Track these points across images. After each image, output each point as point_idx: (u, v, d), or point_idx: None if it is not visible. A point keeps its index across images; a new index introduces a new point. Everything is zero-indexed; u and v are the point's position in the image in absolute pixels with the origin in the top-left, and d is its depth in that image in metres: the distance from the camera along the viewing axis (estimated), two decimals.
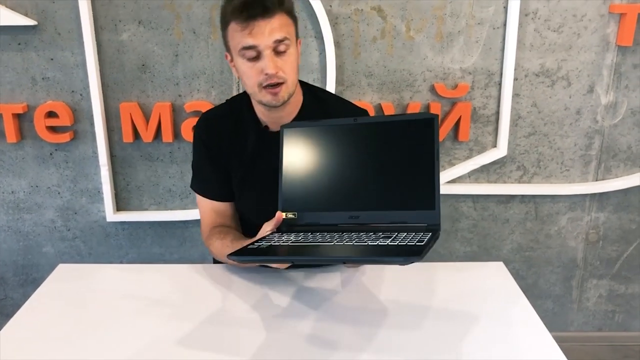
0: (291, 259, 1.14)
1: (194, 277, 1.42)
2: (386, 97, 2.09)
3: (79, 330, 1.21)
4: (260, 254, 1.08)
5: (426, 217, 1.15)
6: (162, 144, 2.12)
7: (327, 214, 1.22)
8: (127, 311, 1.28)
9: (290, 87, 1.29)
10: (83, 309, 1.30)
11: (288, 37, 1.25)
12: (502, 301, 1.30)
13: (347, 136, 1.24)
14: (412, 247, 1.00)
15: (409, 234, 1.08)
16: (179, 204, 2.21)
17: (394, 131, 1.21)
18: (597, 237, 2.29)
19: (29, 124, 2.09)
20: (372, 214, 1.19)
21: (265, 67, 1.24)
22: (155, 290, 1.37)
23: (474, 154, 2.17)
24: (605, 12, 2.01)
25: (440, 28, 2.02)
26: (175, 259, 2.28)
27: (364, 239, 1.09)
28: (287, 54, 1.26)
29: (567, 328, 2.42)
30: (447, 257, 2.30)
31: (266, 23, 1.22)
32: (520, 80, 2.08)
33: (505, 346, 1.14)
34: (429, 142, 1.16)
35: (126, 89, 2.07)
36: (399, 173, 1.19)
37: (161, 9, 1.98)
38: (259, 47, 1.23)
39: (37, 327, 1.23)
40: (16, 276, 2.32)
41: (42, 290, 1.38)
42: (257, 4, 1.21)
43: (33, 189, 2.19)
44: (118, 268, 1.49)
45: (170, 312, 1.27)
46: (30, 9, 1.97)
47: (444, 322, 1.22)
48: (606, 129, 2.14)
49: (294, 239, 1.14)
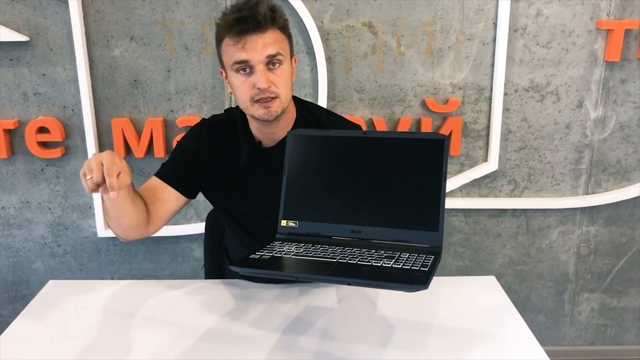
0: (297, 275, 1.12)
1: (186, 293, 1.41)
2: (377, 112, 2.10)
3: (69, 347, 1.20)
4: (264, 266, 1.07)
5: (429, 238, 1.14)
6: (154, 159, 2.12)
7: (328, 225, 1.20)
8: (118, 328, 1.27)
9: (283, 102, 1.29)
10: (73, 326, 1.28)
11: (281, 52, 1.25)
12: (494, 315, 1.30)
13: (354, 148, 1.23)
14: (417, 275, 0.99)
15: (411, 256, 1.07)
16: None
17: (402, 148, 1.19)
18: (588, 250, 2.30)
19: (20, 140, 2.08)
20: (374, 230, 1.17)
21: (257, 81, 1.24)
22: (146, 306, 1.36)
23: (465, 168, 2.18)
24: (592, 28, 2.03)
25: (431, 44, 2.04)
26: (166, 275, 2.27)
27: (367, 257, 1.07)
28: (280, 69, 1.26)
29: (560, 342, 2.42)
30: (440, 271, 2.27)
31: (259, 38, 1.22)
32: (510, 95, 2.09)
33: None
34: (437, 162, 1.15)
35: (118, 105, 2.07)
36: (405, 191, 1.17)
37: (153, 25, 1.99)
38: (251, 62, 1.24)
39: (27, 344, 1.21)
40: (6, 293, 2.29)
41: (32, 306, 1.37)
42: (249, 19, 1.21)
43: (23, 204, 2.17)
44: (109, 284, 1.48)
45: (161, 328, 1.26)
46: (23, 24, 1.97)
47: (436, 336, 1.21)
48: (595, 143, 2.16)
49: (296, 250, 1.13)
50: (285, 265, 1.08)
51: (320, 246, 1.15)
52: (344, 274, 1.03)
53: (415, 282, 0.96)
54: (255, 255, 1.11)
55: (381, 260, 1.05)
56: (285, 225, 1.23)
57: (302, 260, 1.09)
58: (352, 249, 1.12)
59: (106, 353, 1.18)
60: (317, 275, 1.07)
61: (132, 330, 1.26)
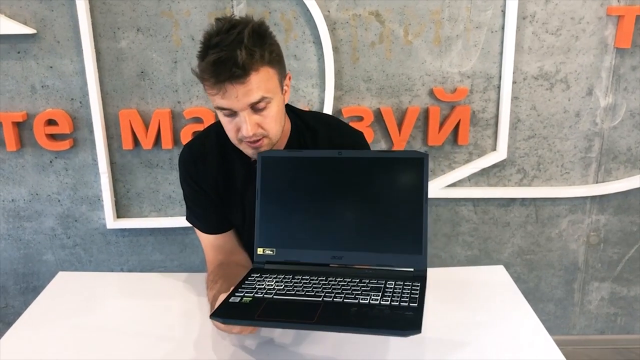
0: (282, 325, 1.07)
1: (194, 284, 1.42)
2: (385, 101, 2.09)
3: (79, 338, 1.21)
4: (245, 314, 1.01)
5: (413, 262, 1.11)
6: (161, 150, 2.12)
7: (307, 252, 1.16)
8: (127, 319, 1.28)
9: (273, 139, 1.21)
10: (83, 317, 1.29)
11: (266, 95, 1.15)
12: (503, 305, 1.30)
13: (331, 169, 1.18)
14: (409, 316, 0.96)
15: (397, 285, 1.05)
16: (179, 210, 2.21)
17: (381, 168, 1.15)
18: (598, 239, 2.28)
19: (28, 132, 2.09)
20: (356, 255, 1.14)
21: (242, 128, 1.16)
22: (156, 298, 1.37)
23: (474, 157, 2.17)
24: (603, 15, 2.01)
25: (439, 32, 2.02)
26: (175, 266, 2.28)
27: (353, 292, 1.04)
28: (267, 109, 1.17)
29: (569, 331, 2.41)
30: (448, 260, 2.30)
31: (239, 87, 1.11)
32: (519, 84, 2.08)
33: (507, 350, 1.14)
34: (417, 182, 1.12)
35: (125, 96, 2.07)
36: (385, 213, 1.14)
37: (159, 16, 1.99)
38: (233, 109, 1.15)
39: (38, 335, 1.22)
40: (17, 284, 2.32)
41: (43, 298, 1.38)
42: (226, 68, 1.09)
43: (33, 197, 2.19)
44: (118, 276, 1.49)
45: (170, 320, 1.27)
46: (30, 17, 1.98)
47: (444, 326, 1.21)
48: (606, 131, 2.14)
49: (277, 286, 1.08)
50: (270, 313, 1.02)
51: (302, 278, 1.10)
52: (334, 320, 0.99)
53: (408, 327, 0.94)
54: (235, 298, 1.06)
55: (368, 295, 1.03)
56: (262, 253, 1.18)
57: (286, 303, 1.04)
58: (336, 280, 1.09)
59: (115, 343, 1.19)
60: (305, 324, 1.01)
61: (141, 322, 1.27)
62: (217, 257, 1.39)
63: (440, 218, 2.24)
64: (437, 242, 2.27)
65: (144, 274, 1.53)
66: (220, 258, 1.39)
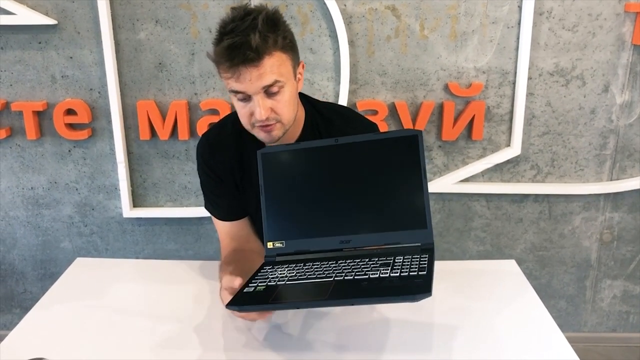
0: (298, 305, 1.09)
1: (209, 273, 1.44)
2: (400, 95, 2.10)
3: (95, 323, 1.24)
4: (259, 301, 1.03)
5: (419, 236, 1.12)
6: (178, 141, 2.15)
7: (316, 240, 1.18)
8: (142, 305, 1.31)
9: (286, 124, 1.23)
10: (100, 302, 1.32)
11: (279, 79, 1.17)
12: (515, 300, 1.30)
13: (329, 158, 1.19)
14: (418, 282, 0.98)
15: (406, 259, 1.06)
16: (194, 200, 2.24)
17: (377, 150, 1.17)
18: (611, 237, 2.27)
19: (48, 121, 2.13)
20: (363, 237, 1.16)
21: (255, 112, 1.18)
22: (170, 285, 1.40)
23: (488, 152, 2.17)
24: (620, 11, 2.00)
25: (455, 27, 2.02)
26: (190, 255, 2.31)
27: (363, 269, 1.06)
28: (280, 94, 1.19)
29: (581, 329, 2.41)
30: (460, 255, 2.30)
31: (253, 69, 1.14)
32: (534, 80, 2.07)
33: (518, 346, 1.14)
34: (414, 159, 1.13)
35: (143, 87, 2.10)
36: (387, 193, 1.15)
37: (178, 8, 2.01)
38: (247, 92, 1.17)
39: (55, 320, 1.25)
40: (35, 270, 2.36)
41: (60, 283, 1.41)
42: (240, 52, 1.12)
43: (52, 185, 2.22)
44: (134, 262, 1.52)
45: (185, 307, 1.30)
46: (51, 8, 2.01)
47: (457, 320, 1.22)
48: (621, 128, 2.13)
49: (289, 274, 1.10)
50: (283, 296, 1.04)
51: (313, 264, 1.12)
52: (345, 294, 1.00)
53: (418, 291, 0.95)
54: (249, 288, 1.08)
55: (378, 270, 1.04)
56: (272, 246, 1.20)
57: (298, 285, 1.06)
58: (346, 262, 1.10)
59: (130, 328, 1.21)
60: (318, 301, 1.04)
61: (155, 308, 1.29)
62: (232, 244, 1.42)
63: (453, 213, 2.24)
64: (449, 237, 2.28)
65: (159, 260, 1.55)
66: (234, 245, 1.42)
